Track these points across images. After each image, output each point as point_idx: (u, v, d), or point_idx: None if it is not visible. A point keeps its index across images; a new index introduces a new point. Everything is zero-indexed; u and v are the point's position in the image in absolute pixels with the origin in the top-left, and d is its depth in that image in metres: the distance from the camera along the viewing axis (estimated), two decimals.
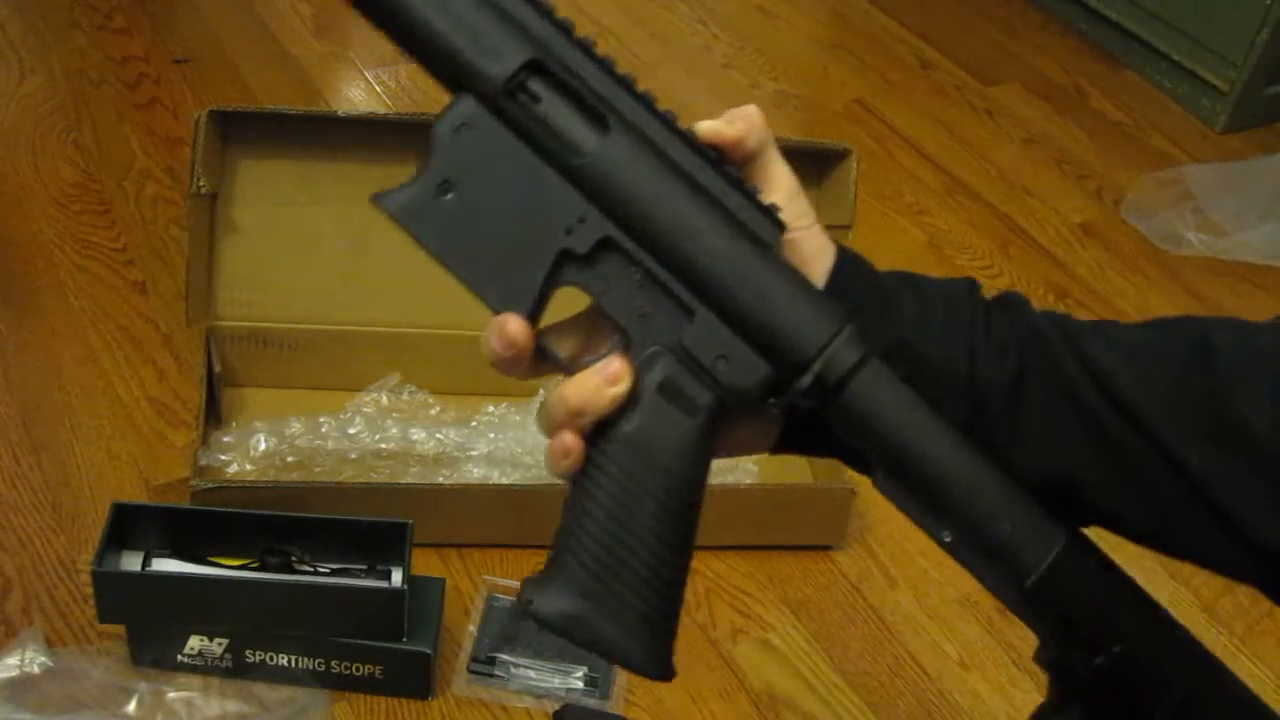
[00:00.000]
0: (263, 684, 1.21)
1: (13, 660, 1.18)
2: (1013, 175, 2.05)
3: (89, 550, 1.24)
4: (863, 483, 1.38)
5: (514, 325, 0.55)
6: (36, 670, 1.18)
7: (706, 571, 1.38)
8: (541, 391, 1.43)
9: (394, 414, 1.43)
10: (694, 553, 0.59)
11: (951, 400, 0.58)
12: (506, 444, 1.40)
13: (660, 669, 0.57)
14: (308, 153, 1.41)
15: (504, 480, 1.39)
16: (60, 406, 1.47)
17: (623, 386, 0.55)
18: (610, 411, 0.56)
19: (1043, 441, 0.58)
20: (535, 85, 0.54)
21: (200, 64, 2.00)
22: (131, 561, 1.21)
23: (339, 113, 1.54)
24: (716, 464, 0.59)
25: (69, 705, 1.16)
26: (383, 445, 1.39)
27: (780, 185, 0.58)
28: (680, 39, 2.28)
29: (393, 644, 1.19)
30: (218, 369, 1.41)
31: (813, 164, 1.41)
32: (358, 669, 1.21)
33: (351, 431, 1.40)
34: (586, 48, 0.55)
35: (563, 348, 0.58)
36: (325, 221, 1.44)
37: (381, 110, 1.95)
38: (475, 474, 1.39)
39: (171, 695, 1.19)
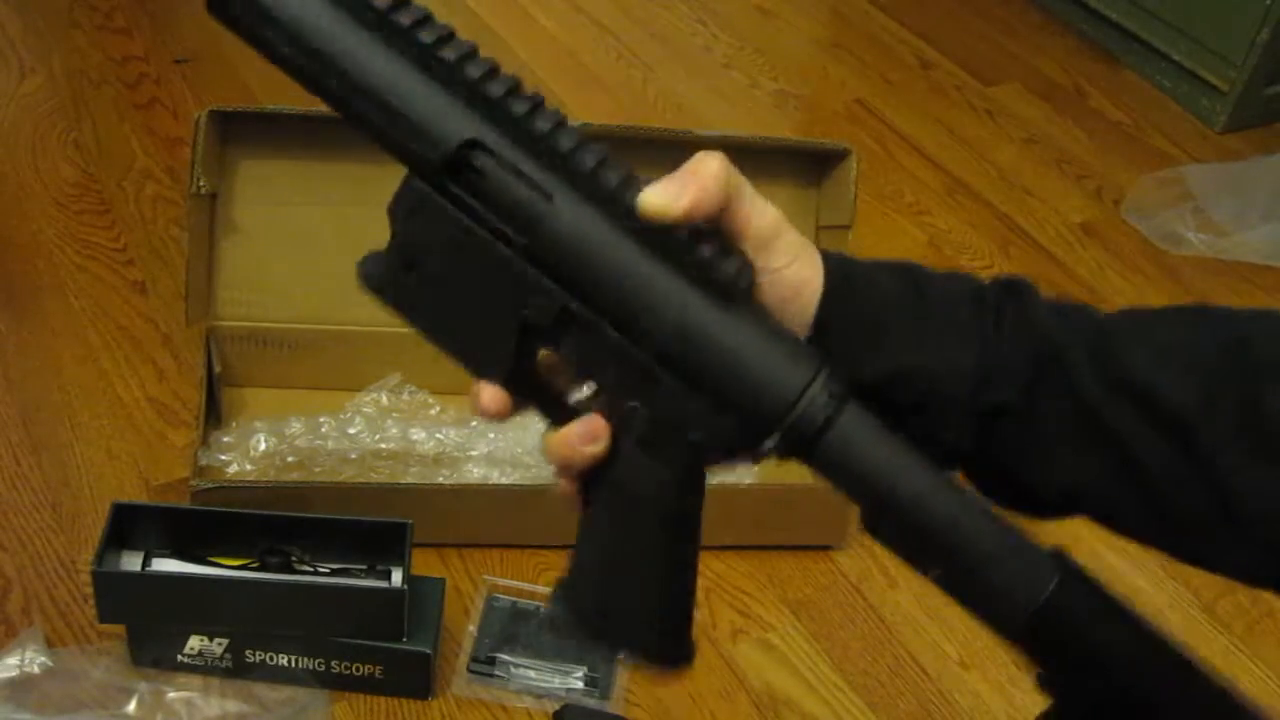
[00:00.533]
0: (263, 684, 1.21)
1: (13, 660, 1.18)
2: (1013, 175, 2.05)
3: (89, 550, 1.24)
4: None
5: (487, 395, 0.57)
6: (36, 670, 1.18)
7: (706, 571, 1.38)
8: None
9: (394, 414, 1.43)
10: (699, 561, 0.64)
11: (956, 423, 0.58)
12: (506, 444, 1.40)
13: (674, 660, 0.62)
14: (308, 153, 1.41)
15: (504, 480, 1.39)
16: (60, 406, 1.47)
17: (600, 446, 0.57)
18: (592, 465, 0.58)
19: (1055, 460, 0.58)
20: (479, 159, 0.54)
21: (200, 64, 2.00)
22: (131, 561, 1.21)
23: None
24: None
25: (69, 705, 1.16)
26: (383, 445, 1.39)
27: (757, 227, 0.55)
28: (680, 39, 2.28)
29: (393, 644, 1.19)
30: (218, 369, 1.41)
31: (813, 164, 1.41)
32: (358, 669, 1.21)
33: (351, 431, 1.40)
34: (528, 119, 0.54)
35: (557, 384, 0.60)
36: (325, 221, 1.44)
37: None
38: (475, 474, 1.39)
39: (171, 695, 1.19)
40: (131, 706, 1.17)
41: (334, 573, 1.22)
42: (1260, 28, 2.10)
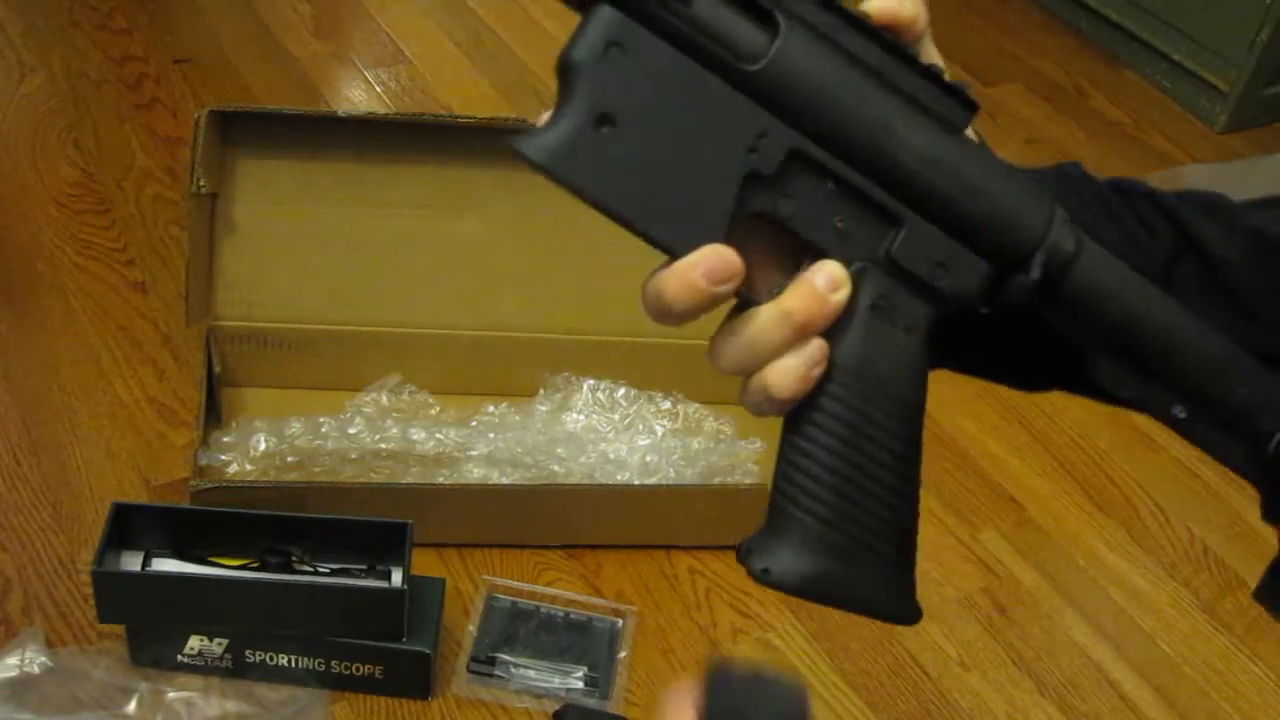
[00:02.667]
0: (263, 684, 1.21)
1: (13, 660, 1.18)
2: None
3: (89, 550, 1.24)
4: None
5: (729, 251, 0.46)
6: (36, 670, 1.18)
7: (706, 571, 1.38)
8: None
9: (394, 414, 1.43)
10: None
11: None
12: (506, 444, 1.40)
13: (913, 613, 0.52)
14: (308, 153, 1.41)
15: (504, 480, 1.39)
16: (60, 406, 1.47)
17: (845, 291, 0.48)
18: (830, 325, 0.49)
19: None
20: None
21: (200, 64, 2.00)
22: (131, 561, 1.21)
23: (339, 113, 1.54)
24: (715, 464, 0.58)
25: (69, 705, 1.16)
26: (383, 445, 1.39)
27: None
28: None
29: (393, 644, 1.19)
30: (218, 369, 1.41)
31: None
32: (358, 669, 1.21)
33: (351, 431, 1.39)
34: None
35: (754, 279, 0.49)
36: (325, 221, 1.44)
37: (381, 110, 1.95)
38: (475, 474, 1.39)
39: (171, 695, 1.19)
40: (131, 706, 1.17)
41: (334, 573, 1.22)
42: (1260, 28, 2.10)
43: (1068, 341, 0.55)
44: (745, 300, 0.49)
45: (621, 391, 1.47)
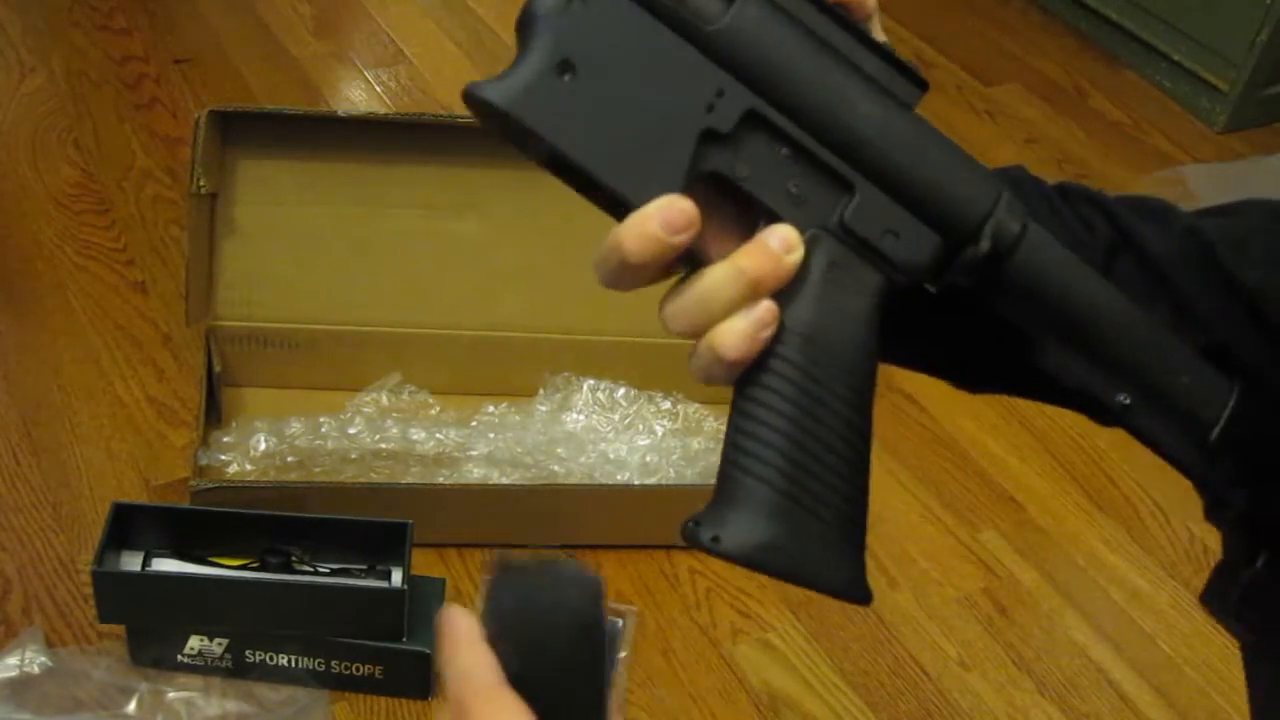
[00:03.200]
0: (263, 684, 1.21)
1: (13, 660, 1.18)
2: None
3: (89, 550, 1.24)
4: None
5: (685, 201, 0.46)
6: (36, 670, 1.18)
7: (706, 571, 1.38)
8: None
9: (394, 414, 1.43)
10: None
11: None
12: (506, 444, 1.40)
13: (863, 591, 0.51)
14: (308, 153, 1.41)
15: (504, 480, 1.39)
16: (60, 406, 1.47)
17: (798, 254, 0.48)
18: (779, 286, 0.48)
19: None
20: None
21: (200, 64, 2.00)
22: (131, 561, 1.21)
23: (339, 113, 1.54)
24: (715, 464, 0.58)
25: (69, 705, 1.16)
26: (383, 445, 1.39)
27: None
28: None
29: (393, 644, 1.19)
30: (218, 369, 1.41)
31: None
32: (358, 669, 1.21)
33: (351, 431, 1.40)
34: None
35: (707, 244, 0.50)
36: (325, 221, 1.44)
37: (381, 110, 1.95)
38: (475, 474, 1.39)
39: (171, 695, 1.19)
40: (131, 706, 1.17)
41: (334, 573, 1.22)
42: (1260, 28, 2.10)
43: (1010, 339, 0.55)
44: (697, 263, 0.49)
45: (621, 391, 1.47)
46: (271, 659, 1.20)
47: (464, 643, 0.45)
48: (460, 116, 1.43)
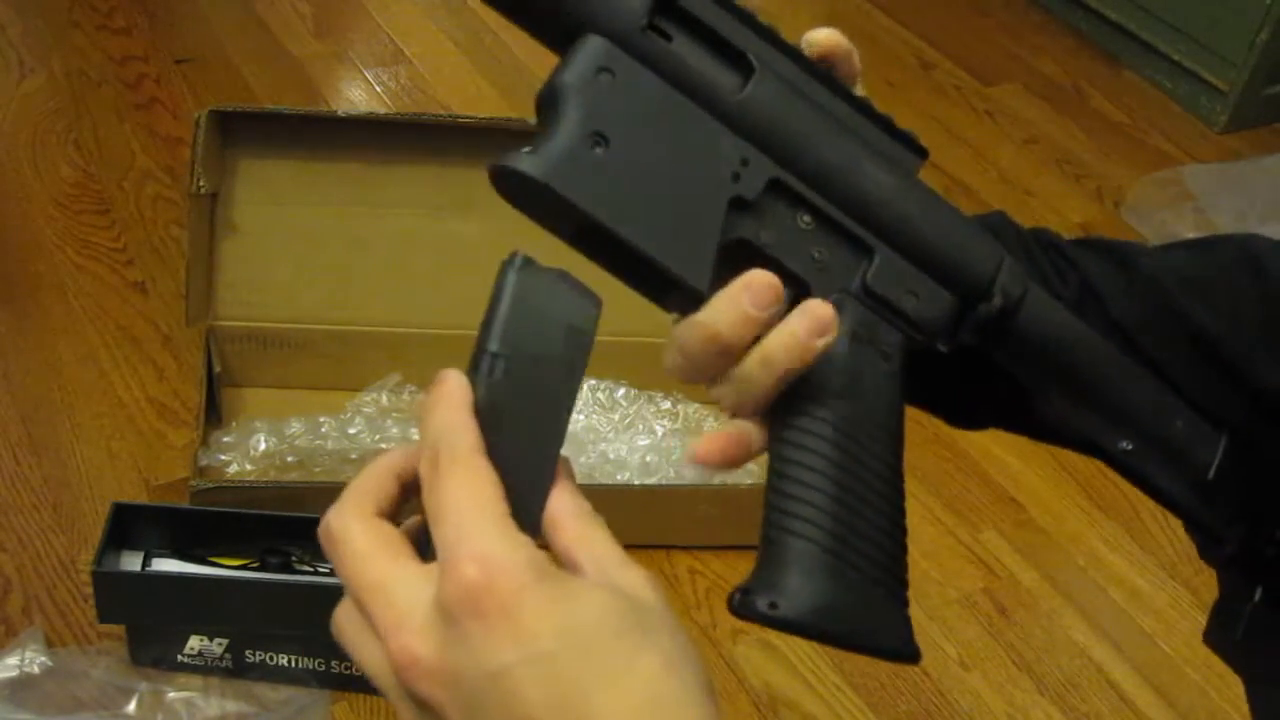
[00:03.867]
0: (263, 684, 1.21)
1: (13, 660, 1.18)
2: (1013, 175, 2.05)
3: (89, 550, 1.24)
4: None
5: (767, 275, 0.47)
6: (36, 670, 1.18)
7: (706, 571, 1.38)
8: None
9: (394, 414, 1.43)
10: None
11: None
12: None
13: (914, 649, 0.51)
14: (308, 153, 1.41)
15: None
16: (60, 406, 1.47)
17: (833, 334, 0.48)
18: (813, 364, 0.49)
19: None
20: (665, 25, 0.48)
21: (200, 64, 2.00)
22: (131, 561, 1.21)
23: (339, 113, 1.54)
24: None
25: (69, 705, 1.16)
26: (383, 445, 1.39)
27: None
28: None
29: None
30: (218, 369, 1.41)
31: None
32: (358, 669, 1.21)
33: (351, 431, 1.40)
34: None
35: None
36: (325, 221, 1.44)
37: (381, 110, 1.95)
38: None
39: (171, 695, 1.19)
40: (131, 706, 1.17)
41: (334, 573, 1.22)
42: (1260, 28, 2.10)
43: (1007, 382, 0.57)
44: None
45: (621, 391, 1.47)
46: (271, 659, 1.20)
47: (454, 404, 0.44)
48: (460, 116, 1.43)
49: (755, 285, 0.47)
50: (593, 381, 1.47)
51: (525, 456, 0.45)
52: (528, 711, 0.39)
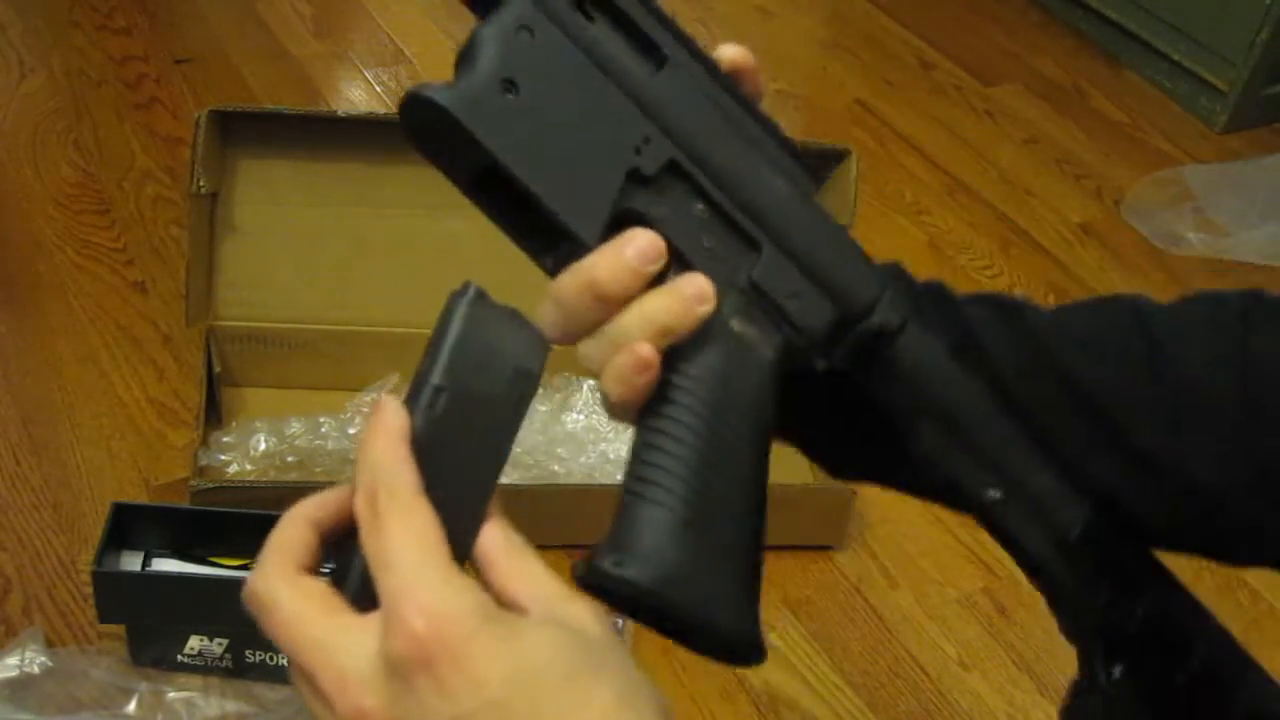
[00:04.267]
0: (263, 684, 1.21)
1: (13, 660, 1.18)
2: (1013, 175, 2.05)
3: (89, 550, 1.24)
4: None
5: (654, 234, 0.49)
6: (36, 670, 1.18)
7: None
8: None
9: None
10: None
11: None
12: None
13: (754, 639, 0.50)
14: (308, 153, 1.41)
15: (503, 480, 1.38)
16: (60, 406, 1.47)
17: (709, 306, 0.50)
18: (689, 334, 0.50)
19: None
20: (589, 7, 0.51)
21: (200, 64, 2.00)
22: (131, 561, 1.21)
23: (339, 113, 1.54)
24: None
25: (69, 705, 1.16)
26: None
27: None
28: None
29: None
30: (218, 369, 1.41)
31: (813, 164, 1.41)
32: None
33: (351, 431, 1.39)
34: None
35: None
36: (325, 221, 1.44)
37: (381, 110, 1.95)
38: None
39: (171, 695, 1.19)
40: (131, 706, 1.17)
41: (331, 576, 1.22)
42: (1260, 28, 2.10)
43: (880, 429, 0.57)
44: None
45: None
46: (271, 659, 1.20)
47: (392, 438, 0.43)
48: None
49: (639, 240, 0.48)
50: (592, 382, 1.47)
51: (460, 493, 0.45)
52: None
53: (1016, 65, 2.32)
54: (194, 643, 1.20)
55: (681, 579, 0.47)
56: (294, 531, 0.46)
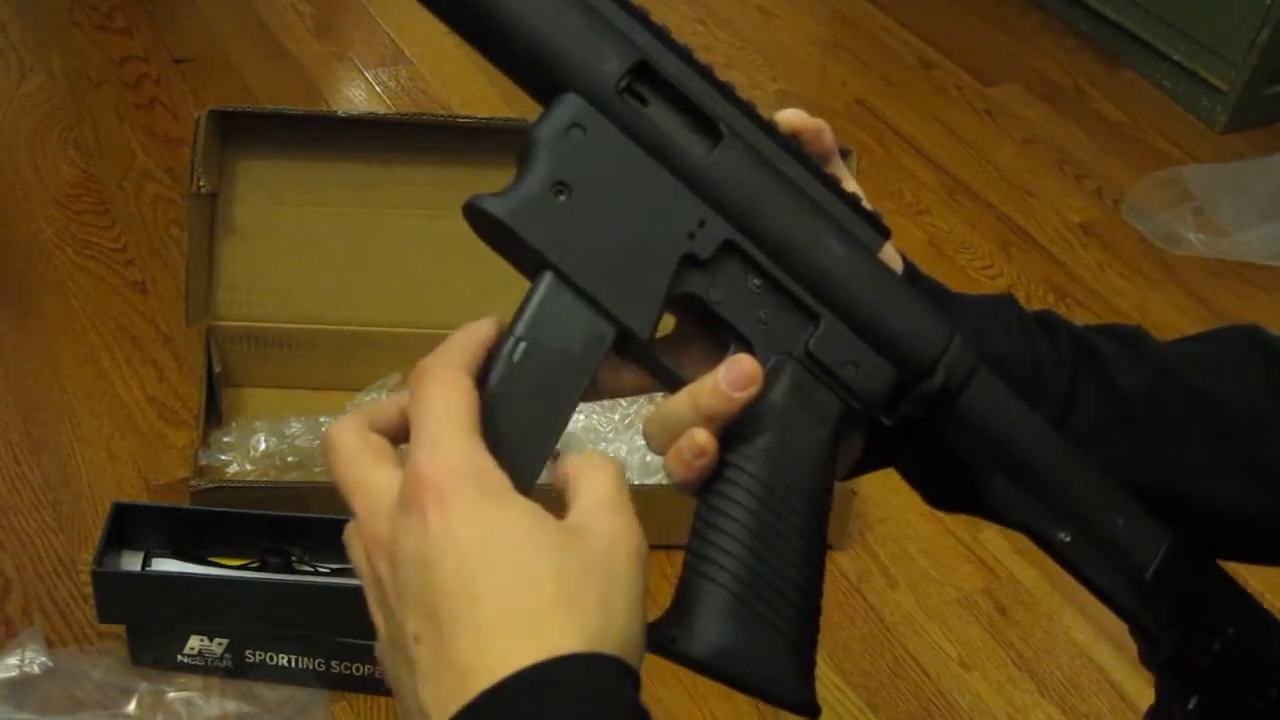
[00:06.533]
0: (263, 684, 1.21)
1: (13, 660, 1.18)
2: (1013, 175, 2.05)
3: (89, 550, 1.24)
4: (863, 483, 1.39)
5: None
6: (36, 670, 1.18)
7: None
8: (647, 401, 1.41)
9: None
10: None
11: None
12: None
13: (810, 703, 0.54)
14: (308, 153, 1.41)
15: None
16: (60, 406, 1.47)
17: (755, 389, 0.52)
18: (740, 416, 0.52)
19: (1087, 447, 0.60)
20: (642, 89, 0.52)
21: (200, 64, 2.00)
22: (131, 561, 1.21)
23: (339, 113, 1.54)
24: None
25: (69, 705, 1.16)
26: None
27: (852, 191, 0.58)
28: (680, 38, 2.28)
29: None
30: (218, 369, 1.41)
31: None
32: (358, 669, 1.21)
33: None
34: (685, 53, 0.53)
35: (682, 365, 0.54)
36: (325, 221, 1.44)
37: (381, 110, 1.95)
38: None
39: (171, 695, 1.19)
40: (131, 706, 1.17)
41: (334, 573, 1.22)
42: (1260, 28, 2.10)
43: (954, 460, 0.58)
44: (674, 379, 0.54)
45: None
46: (271, 659, 1.20)
47: (474, 336, 0.50)
48: (460, 117, 1.43)
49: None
50: None
51: (524, 438, 0.50)
52: (435, 600, 0.42)
53: (1016, 65, 2.32)
54: (194, 643, 1.20)
55: (737, 652, 0.51)
56: (380, 404, 0.51)
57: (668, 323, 0.55)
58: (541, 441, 0.50)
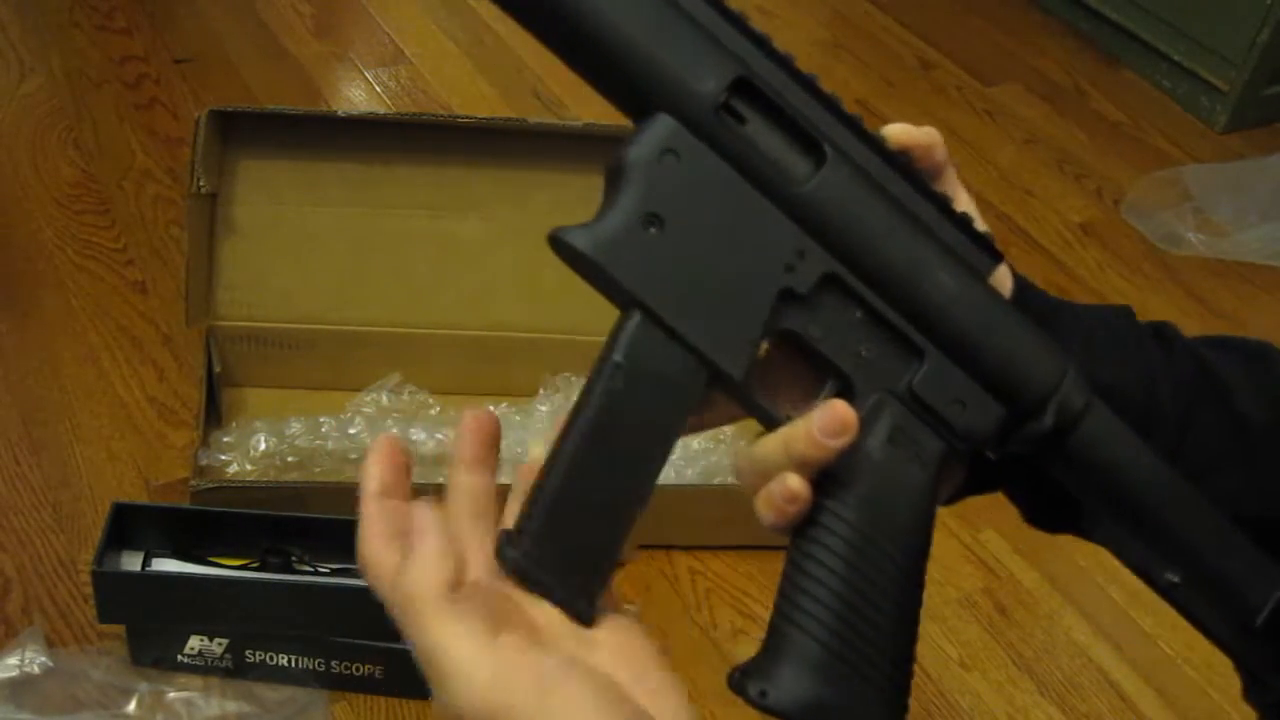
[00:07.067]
0: (263, 684, 1.21)
1: (13, 660, 1.18)
2: (1013, 175, 2.05)
3: (89, 550, 1.24)
4: None
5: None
6: (36, 670, 1.18)
7: (707, 571, 1.38)
8: (727, 431, 1.38)
9: (394, 414, 1.43)
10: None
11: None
12: (507, 444, 1.39)
13: None
14: (308, 153, 1.41)
15: (504, 481, 1.38)
16: (60, 406, 1.47)
17: (849, 437, 0.48)
18: (834, 461, 0.49)
19: (1202, 476, 0.57)
20: (740, 106, 0.48)
21: (200, 64, 2.00)
22: (131, 561, 1.21)
23: (339, 113, 1.54)
24: (715, 464, 0.58)
25: (69, 705, 1.16)
26: None
27: (964, 209, 0.54)
28: None
29: (393, 644, 1.19)
30: (218, 369, 1.41)
31: None
32: (358, 669, 1.21)
33: (352, 431, 1.39)
34: (788, 64, 0.49)
35: (777, 400, 0.51)
36: (325, 221, 1.44)
37: (381, 110, 1.95)
38: None
39: (171, 695, 1.19)
40: (131, 706, 1.17)
41: (334, 573, 1.22)
42: (1260, 28, 2.10)
43: (1069, 503, 0.56)
44: (769, 418, 0.50)
45: None
46: (271, 659, 1.20)
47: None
48: (460, 116, 1.43)
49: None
50: None
51: (621, 480, 0.50)
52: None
53: (1016, 65, 2.32)
54: (194, 643, 1.20)
55: (821, 708, 0.48)
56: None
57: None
58: (639, 487, 0.51)
